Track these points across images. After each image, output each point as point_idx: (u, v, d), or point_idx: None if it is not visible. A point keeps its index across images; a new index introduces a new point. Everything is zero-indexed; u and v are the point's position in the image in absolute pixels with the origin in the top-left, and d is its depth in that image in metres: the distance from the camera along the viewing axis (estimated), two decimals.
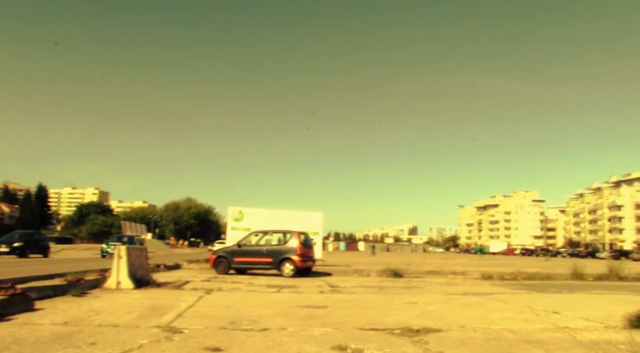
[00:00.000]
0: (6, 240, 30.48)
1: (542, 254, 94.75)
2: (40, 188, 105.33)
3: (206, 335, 5.72)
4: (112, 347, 4.95)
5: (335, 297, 10.91)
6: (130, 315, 7.24)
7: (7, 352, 4.72)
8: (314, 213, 25.98)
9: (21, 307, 7.23)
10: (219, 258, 18.61)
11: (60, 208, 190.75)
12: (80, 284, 10.03)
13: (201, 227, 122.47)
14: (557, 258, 68.78)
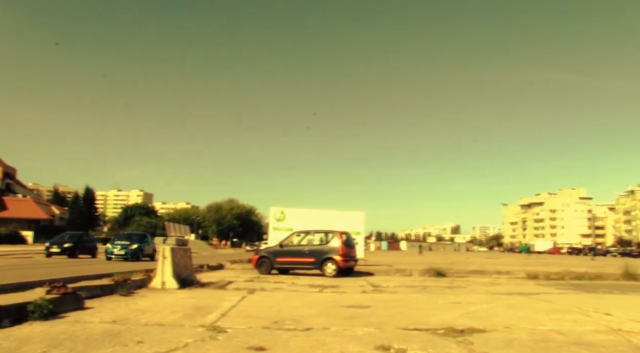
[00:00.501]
0: (57, 241, 31.43)
1: (590, 253, 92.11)
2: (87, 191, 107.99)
3: (250, 335, 5.75)
4: (158, 346, 5.03)
5: (377, 296, 10.84)
6: (175, 314, 7.34)
7: (61, 347, 4.86)
8: (355, 213, 25.91)
9: (72, 305, 7.43)
10: (261, 258, 18.74)
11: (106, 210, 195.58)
12: (126, 284, 10.24)
13: (243, 228, 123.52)
14: (607, 258, 66.82)
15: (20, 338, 5.30)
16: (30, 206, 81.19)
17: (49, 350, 4.74)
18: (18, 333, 5.54)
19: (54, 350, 4.71)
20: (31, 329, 5.82)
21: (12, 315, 6.15)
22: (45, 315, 6.46)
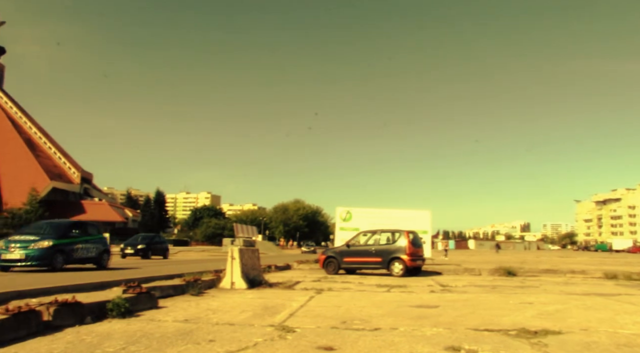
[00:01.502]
0: (131, 242, 32.73)
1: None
2: (158, 194, 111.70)
3: (318, 334, 5.78)
4: (229, 344, 5.13)
5: (446, 296, 10.67)
6: (244, 314, 7.48)
7: (138, 344, 5.05)
8: (422, 212, 25.61)
9: (147, 304, 7.71)
10: (328, 258, 18.81)
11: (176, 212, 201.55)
12: (197, 284, 10.50)
13: (310, 228, 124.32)
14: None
15: (102, 334, 5.55)
16: (106, 209, 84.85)
17: (127, 346, 4.94)
18: (99, 330, 5.81)
19: (132, 347, 4.90)
20: (110, 326, 6.08)
21: (93, 313, 6.46)
22: (123, 313, 6.73)
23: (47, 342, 5.08)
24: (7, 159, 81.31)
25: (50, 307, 5.89)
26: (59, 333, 5.55)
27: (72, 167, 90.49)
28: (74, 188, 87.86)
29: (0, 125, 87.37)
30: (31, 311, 5.58)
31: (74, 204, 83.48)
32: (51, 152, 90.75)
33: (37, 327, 5.54)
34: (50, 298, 6.30)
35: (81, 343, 5.07)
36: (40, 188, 75.78)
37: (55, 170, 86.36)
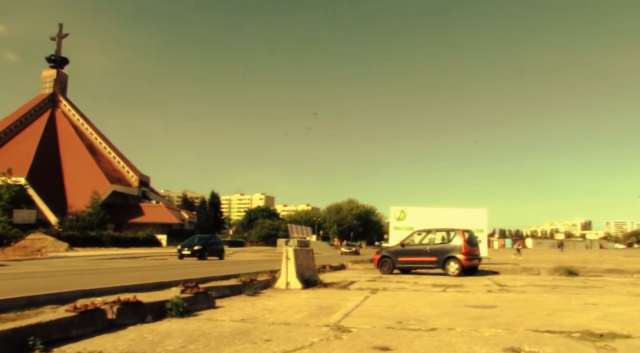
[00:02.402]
0: (188, 243, 33.44)
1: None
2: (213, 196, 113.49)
3: (374, 335, 5.76)
4: (285, 344, 5.18)
5: (504, 296, 10.44)
6: (300, 314, 7.52)
7: (197, 343, 5.16)
8: (477, 210, 25.19)
9: (204, 304, 7.86)
10: (383, 258, 18.72)
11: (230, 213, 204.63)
12: (253, 284, 10.63)
13: (363, 228, 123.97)
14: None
15: (162, 333, 5.70)
16: (163, 211, 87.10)
17: (187, 345, 5.05)
18: (159, 329, 5.97)
19: (191, 346, 5.01)
20: (170, 325, 6.24)
21: (154, 312, 6.64)
22: (181, 312, 6.89)
23: (112, 339, 5.26)
24: (71, 164, 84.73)
25: (113, 306, 6.10)
26: (122, 331, 5.74)
27: (130, 170, 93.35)
28: (132, 191, 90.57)
29: (64, 132, 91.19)
30: (96, 309, 5.80)
31: (133, 207, 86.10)
32: (111, 157, 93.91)
33: (102, 325, 5.76)
34: (113, 298, 6.52)
35: (143, 341, 5.22)
36: (102, 191, 78.46)
37: (115, 174, 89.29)
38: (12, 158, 76.61)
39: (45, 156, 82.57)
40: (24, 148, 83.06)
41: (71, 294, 8.46)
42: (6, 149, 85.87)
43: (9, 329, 4.64)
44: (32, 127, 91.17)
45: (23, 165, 74.93)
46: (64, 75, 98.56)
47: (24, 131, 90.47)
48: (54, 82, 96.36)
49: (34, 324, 4.91)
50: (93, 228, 65.83)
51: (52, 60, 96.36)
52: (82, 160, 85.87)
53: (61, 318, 5.31)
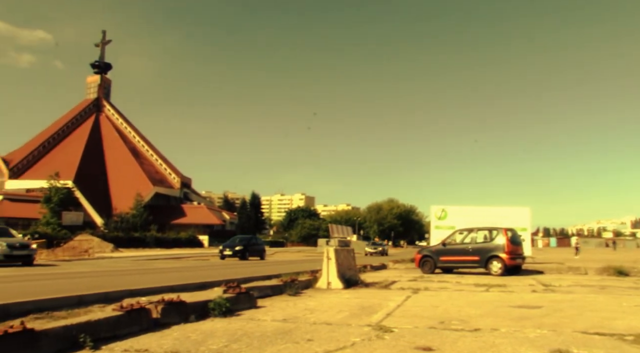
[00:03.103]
0: (229, 244, 33.79)
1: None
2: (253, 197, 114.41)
3: (416, 335, 5.71)
4: (327, 344, 5.18)
5: (549, 296, 10.22)
6: (341, 314, 7.52)
7: (239, 342, 5.22)
8: (520, 209, 24.72)
9: (246, 304, 7.94)
10: (424, 257, 18.58)
11: (271, 214, 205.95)
12: (294, 284, 10.68)
13: (404, 227, 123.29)
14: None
15: (205, 332, 5.78)
16: (205, 212, 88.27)
17: (229, 344, 5.11)
18: (203, 328, 6.06)
19: (234, 345, 5.07)
20: (213, 325, 6.32)
21: (196, 312, 6.74)
22: (224, 312, 6.98)
23: (157, 338, 5.37)
24: (115, 167, 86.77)
25: (158, 305, 6.22)
26: (166, 330, 5.85)
27: (172, 172, 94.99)
28: (174, 193, 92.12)
29: (108, 136, 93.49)
30: (142, 309, 5.93)
31: (175, 208, 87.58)
32: (153, 159, 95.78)
33: (147, 324, 5.89)
34: (157, 297, 6.65)
35: (187, 340, 5.31)
36: (145, 193, 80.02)
37: (157, 176, 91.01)
38: (60, 162, 79.01)
39: (91, 159, 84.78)
40: (71, 152, 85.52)
41: (118, 294, 8.67)
42: (54, 153, 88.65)
43: (60, 326, 4.81)
44: (78, 131, 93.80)
45: (70, 168, 77.09)
46: (108, 80, 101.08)
47: (71, 135, 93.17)
48: (98, 87, 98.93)
49: (83, 322, 5.06)
50: (137, 229, 67.20)
51: (96, 66, 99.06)
52: (126, 163, 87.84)
53: (109, 317, 5.47)
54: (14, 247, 20.70)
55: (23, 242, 22.34)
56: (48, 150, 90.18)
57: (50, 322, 5.37)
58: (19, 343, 4.17)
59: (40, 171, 76.14)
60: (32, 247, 22.73)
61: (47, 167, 73.62)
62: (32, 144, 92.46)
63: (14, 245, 20.77)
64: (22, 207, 70.13)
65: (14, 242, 21.08)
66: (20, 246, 21.29)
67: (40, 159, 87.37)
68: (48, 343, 4.48)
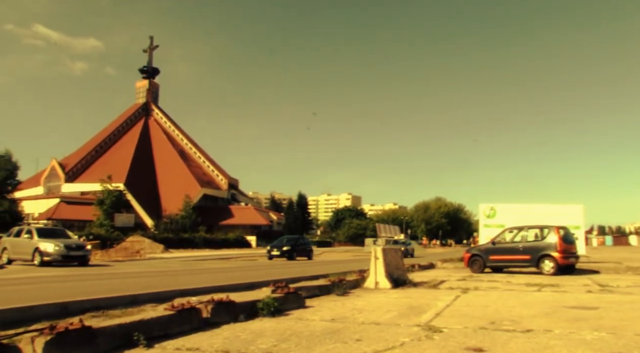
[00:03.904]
0: (277, 244, 34.08)
1: None
2: (300, 197, 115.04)
3: (466, 335, 5.62)
4: (376, 344, 5.15)
5: (606, 297, 9.87)
6: (389, 313, 7.47)
7: (288, 342, 5.25)
8: (573, 206, 24.06)
9: (295, 304, 7.98)
10: (473, 256, 18.31)
11: (318, 214, 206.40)
12: (342, 284, 10.67)
13: (452, 226, 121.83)
14: None
15: (254, 331, 5.84)
16: (252, 213, 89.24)
17: (278, 344, 5.14)
18: (252, 328, 6.12)
19: (283, 345, 5.10)
20: (262, 324, 6.37)
21: (245, 311, 6.82)
22: (272, 312, 7.03)
23: (207, 337, 5.45)
24: (164, 170, 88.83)
25: (208, 305, 6.32)
26: (216, 329, 5.94)
27: (220, 174, 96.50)
28: (222, 194, 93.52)
29: (157, 139, 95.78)
30: (192, 308, 6.03)
31: (223, 209, 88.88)
32: (201, 161, 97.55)
33: (198, 323, 5.99)
34: (207, 297, 6.75)
35: (237, 339, 5.37)
36: (193, 195, 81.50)
37: (204, 177, 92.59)
38: (111, 165, 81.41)
39: (141, 162, 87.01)
40: (122, 155, 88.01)
41: (169, 293, 8.86)
42: (106, 156, 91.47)
43: (116, 325, 4.97)
44: (128, 135, 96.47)
45: (121, 171, 79.30)
46: (156, 84, 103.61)
47: (121, 139, 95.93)
48: (146, 92, 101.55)
49: (137, 321, 5.20)
50: (186, 230, 68.47)
51: (145, 71, 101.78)
52: (174, 165, 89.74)
53: (161, 316, 5.59)
54: (71, 247, 21.57)
55: (79, 243, 23.23)
56: (100, 154, 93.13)
57: (106, 320, 5.55)
58: (79, 340, 4.34)
59: (94, 174, 78.75)
60: (87, 247, 23.63)
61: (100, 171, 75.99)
62: (85, 148, 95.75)
63: (70, 246, 21.64)
64: (78, 210, 72.59)
65: (70, 243, 21.96)
66: (76, 247, 22.16)
67: (94, 163, 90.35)
68: (104, 341, 4.63)
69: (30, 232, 22.44)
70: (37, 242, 21.26)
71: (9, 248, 22.86)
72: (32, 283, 13.26)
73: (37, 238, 21.68)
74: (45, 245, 20.93)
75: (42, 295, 9.38)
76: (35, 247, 21.04)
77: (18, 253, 22.28)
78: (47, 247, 20.85)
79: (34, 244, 21.22)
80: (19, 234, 23.08)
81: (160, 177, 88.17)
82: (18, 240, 22.66)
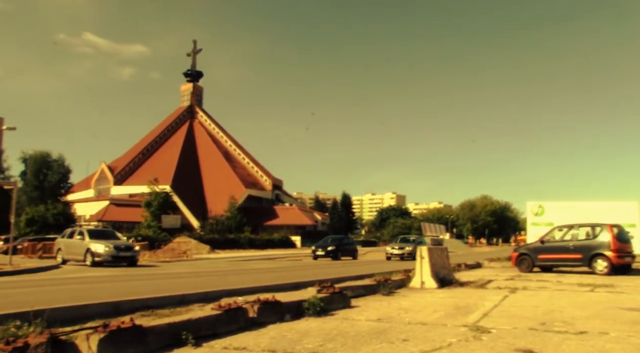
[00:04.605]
0: (321, 244, 34.15)
1: None
2: (344, 197, 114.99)
3: (516, 336, 5.49)
4: (423, 344, 5.09)
5: None
6: (436, 313, 7.38)
7: (334, 342, 5.23)
8: (627, 203, 23.26)
9: (340, 304, 7.96)
10: (521, 255, 17.94)
11: (362, 213, 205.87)
12: (387, 284, 10.60)
13: (498, 225, 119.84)
14: None
15: (300, 331, 5.85)
16: (296, 213, 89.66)
17: (325, 343, 5.13)
18: (298, 327, 6.13)
19: (329, 344, 5.09)
20: (308, 324, 6.38)
21: (291, 311, 6.85)
22: (318, 312, 7.03)
23: (254, 336, 5.49)
24: (209, 171, 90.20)
25: (254, 305, 6.38)
26: (263, 329, 5.97)
27: (264, 175, 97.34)
28: (266, 195, 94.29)
29: (202, 141, 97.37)
30: (239, 308, 6.09)
31: (268, 210, 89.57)
32: (245, 162, 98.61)
33: (244, 323, 6.04)
34: (253, 297, 6.82)
35: (283, 339, 5.39)
36: (238, 196, 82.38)
37: (249, 179, 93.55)
38: (158, 167, 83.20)
39: (186, 164, 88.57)
40: (168, 157, 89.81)
41: (216, 293, 8.98)
42: (153, 159, 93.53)
43: (165, 324, 5.08)
44: (174, 138, 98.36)
45: (167, 173, 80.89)
46: (200, 87, 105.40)
47: (167, 142, 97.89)
48: (190, 95, 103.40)
49: (185, 320, 5.30)
50: (231, 231, 69.23)
51: (189, 75, 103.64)
52: (219, 167, 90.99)
53: (209, 315, 5.67)
54: (120, 248, 22.19)
55: (128, 244, 23.87)
56: (147, 156, 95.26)
57: (156, 319, 5.66)
58: (130, 338, 4.45)
59: (141, 177, 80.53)
60: (136, 248, 24.25)
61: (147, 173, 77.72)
62: (133, 151, 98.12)
63: (119, 247, 22.28)
64: (126, 211, 74.40)
65: (119, 244, 22.60)
66: (125, 248, 22.78)
67: (141, 165, 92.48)
68: (154, 339, 4.73)
69: (82, 234, 23.20)
70: (88, 243, 21.96)
71: (63, 249, 23.76)
72: (84, 283, 13.71)
73: (88, 239, 22.38)
74: (96, 246, 21.61)
75: (94, 294, 9.68)
76: (86, 247, 21.76)
77: (71, 254, 23.13)
78: (98, 248, 21.52)
79: (86, 245, 21.93)
80: (72, 235, 23.91)
81: (206, 179, 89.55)
82: (71, 241, 23.49)
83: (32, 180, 64.83)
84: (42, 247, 33.50)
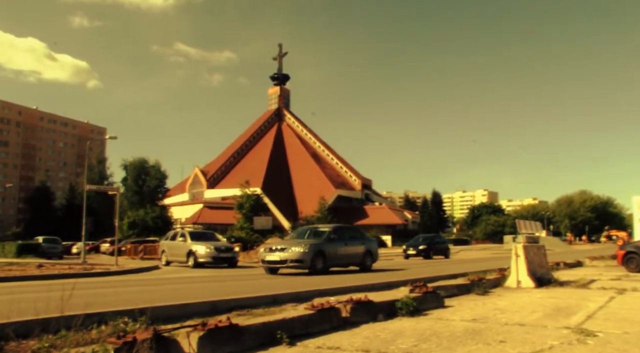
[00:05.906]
0: (412, 243, 33.87)
1: None
2: (434, 195, 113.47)
3: (626, 341, 5.15)
4: (521, 346, 4.90)
5: None
6: (534, 314, 7.09)
7: (429, 342, 5.15)
8: None
9: (433, 303, 7.83)
10: (628, 254, 16.88)
11: (453, 211, 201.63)
12: (482, 283, 10.32)
13: (600, 221, 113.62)
14: None
15: (394, 331, 5.80)
16: (386, 213, 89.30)
17: (419, 344, 5.06)
18: (391, 327, 6.08)
19: (423, 345, 5.01)
20: (401, 324, 6.32)
21: (384, 311, 6.81)
22: (411, 312, 6.94)
23: (347, 336, 5.50)
24: (298, 172, 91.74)
25: (347, 304, 6.39)
26: (356, 328, 5.97)
27: (353, 175, 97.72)
28: (356, 194, 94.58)
29: (290, 143, 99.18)
30: (332, 308, 6.13)
31: (357, 210, 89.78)
32: (333, 163, 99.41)
33: (337, 322, 6.07)
34: (345, 297, 6.84)
35: (376, 338, 5.36)
36: (328, 196, 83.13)
37: (338, 179, 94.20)
38: (249, 170, 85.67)
39: (276, 166, 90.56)
40: (258, 160, 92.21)
41: (308, 293, 9.09)
42: (244, 162, 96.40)
43: (260, 323, 5.20)
44: (263, 140, 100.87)
45: (258, 176, 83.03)
46: (286, 90, 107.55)
47: (257, 145, 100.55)
48: (278, 98, 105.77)
49: (279, 320, 5.40)
50: None
51: (275, 78, 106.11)
52: (308, 168, 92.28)
53: (302, 315, 5.75)
54: (221, 250, 22.99)
55: (228, 246, 24.69)
56: (238, 160, 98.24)
57: (251, 319, 5.82)
58: (227, 337, 4.60)
59: (233, 180, 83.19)
60: (235, 250, 24.96)
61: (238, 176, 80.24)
62: (224, 155, 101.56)
63: (220, 248, 23.08)
64: (219, 214, 77.10)
65: (220, 246, 23.42)
66: (226, 249, 23.57)
67: (232, 169, 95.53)
68: (250, 338, 4.85)
69: (184, 236, 24.27)
70: (190, 245, 22.92)
71: (167, 250, 24.95)
72: (183, 283, 14.39)
73: (190, 241, 23.36)
74: (198, 248, 22.50)
75: (194, 294, 10.11)
76: (189, 249, 22.71)
77: (174, 255, 24.22)
78: (200, 250, 22.39)
79: (188, 247, 22.90)
80: (174, 238, 25.09)
81: (295, 180, 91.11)
82: (174, 243, 24.61)
83: (132, 185, 68.77)
84: (143, 249, 35.44)
